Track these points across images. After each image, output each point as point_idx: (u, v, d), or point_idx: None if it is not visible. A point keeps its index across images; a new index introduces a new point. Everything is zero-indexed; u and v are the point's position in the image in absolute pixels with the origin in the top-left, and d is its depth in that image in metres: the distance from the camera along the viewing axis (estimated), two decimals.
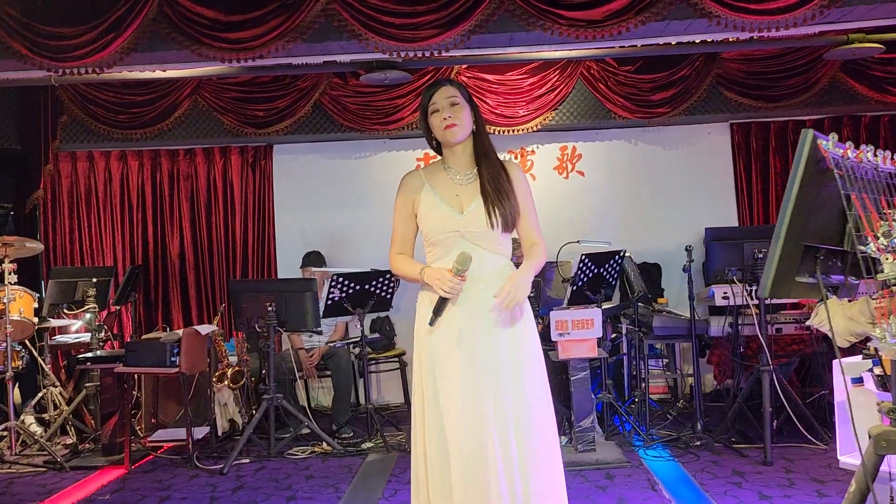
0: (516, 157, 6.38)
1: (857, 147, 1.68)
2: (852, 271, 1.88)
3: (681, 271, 4.79)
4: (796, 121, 6.25)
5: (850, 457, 2.58)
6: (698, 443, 4.56)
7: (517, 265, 2.50)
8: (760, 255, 4.40)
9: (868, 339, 1.76)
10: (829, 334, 1.80)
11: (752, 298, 4.45)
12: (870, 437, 1.81)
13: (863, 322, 1.83)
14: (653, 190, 6.37)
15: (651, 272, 6.14)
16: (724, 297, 4.70)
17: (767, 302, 4.44)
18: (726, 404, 5.06)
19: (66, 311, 5.41)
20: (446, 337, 2.42)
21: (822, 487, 3.73)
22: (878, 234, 1.58)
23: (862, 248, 1.62)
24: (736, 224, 6.23)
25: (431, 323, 2.41)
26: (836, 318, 1.89)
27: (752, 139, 6.30)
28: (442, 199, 2.50)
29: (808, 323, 2.07)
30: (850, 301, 1.94)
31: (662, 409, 5.42)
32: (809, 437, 4.44)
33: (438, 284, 2.37)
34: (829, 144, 1.60)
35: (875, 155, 1.72)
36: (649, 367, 5.37)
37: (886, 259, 1.57)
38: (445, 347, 2.41)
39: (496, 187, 2.46)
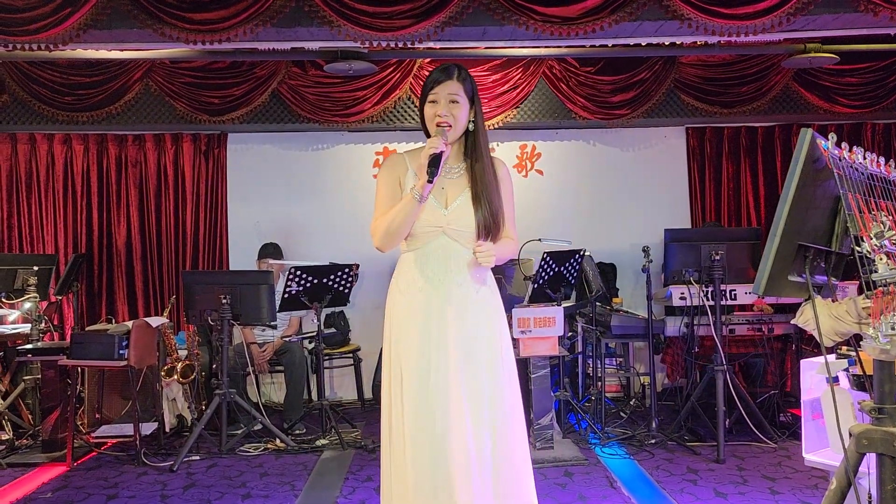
0: None
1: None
2: (835, 272, 1.91)
3: (634, 271, 4.84)
4: (748, 127, 6.41)
5: (815, 455, 2.63)
6: (653, 441, 4.61)
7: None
8: (717, 258, 4.47)
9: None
10: (815, 333, 1.81)
11: (708, 299, 4.53)
12: (850, 435, 1.84)
13: (849, 322, 1.85)
14: (609, 191, 6.44)
15: (606, 272, 6.20)
16: (681, 298, 4.76)
17: (722, 303, 4.53)
18: (678, 402, 5.14)
19: (3, 299, 5.15)
20: (419, 331, 2.35)
21: (773, 485, 3.83)
22: (871, 235, 1.60)
23: (857, 248, 1.64)
24: (689, 226, 6.34)
25: (431, 179, 2.27)
26: (822, 317, 1.91)
27: (707, 144, 6.42)
28: None
29: (792, 322, 2.09)
30: (833, 301, 1.96)
31: (616, 408, 5.47)
32: (760, 435, 4.55)
33: (428, 145, 2.29)
34: (829, 144, 1.62)
35: (864, 157, 1.75)
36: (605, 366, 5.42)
37: (880, 259, 1.59)
38: (419, 343, 2.34)
39: (487, 194, 2.39)
